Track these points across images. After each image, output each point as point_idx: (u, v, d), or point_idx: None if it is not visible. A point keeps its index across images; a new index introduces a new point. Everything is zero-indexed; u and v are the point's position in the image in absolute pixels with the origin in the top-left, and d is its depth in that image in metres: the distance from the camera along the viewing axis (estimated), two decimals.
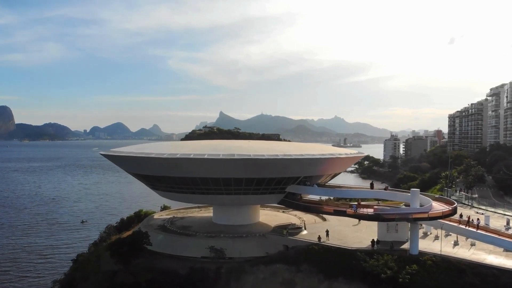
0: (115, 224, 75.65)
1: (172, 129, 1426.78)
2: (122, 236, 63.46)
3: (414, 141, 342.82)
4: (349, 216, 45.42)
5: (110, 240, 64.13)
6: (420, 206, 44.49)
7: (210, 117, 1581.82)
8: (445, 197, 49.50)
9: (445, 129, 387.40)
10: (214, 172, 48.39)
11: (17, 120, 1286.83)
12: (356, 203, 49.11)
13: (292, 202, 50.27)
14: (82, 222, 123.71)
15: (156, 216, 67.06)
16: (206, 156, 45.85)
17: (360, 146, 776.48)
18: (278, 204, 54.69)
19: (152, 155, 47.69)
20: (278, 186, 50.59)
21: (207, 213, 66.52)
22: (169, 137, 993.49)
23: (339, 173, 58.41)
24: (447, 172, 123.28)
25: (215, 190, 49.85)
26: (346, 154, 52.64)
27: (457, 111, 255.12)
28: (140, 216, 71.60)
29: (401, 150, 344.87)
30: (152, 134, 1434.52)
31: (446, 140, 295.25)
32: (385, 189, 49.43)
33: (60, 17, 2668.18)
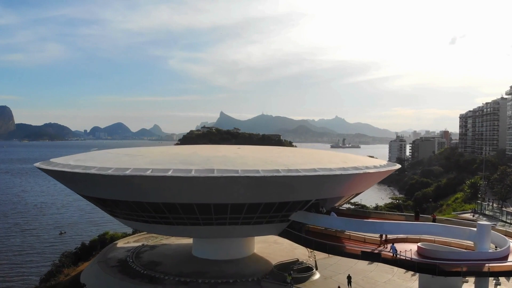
0: (74, 250, 60.58)
1: (173, 129, 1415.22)
2: (75, 270, 49.06)
3: (421, 142, 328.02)
4: (386, 263, 30.58)
5: (61, 273, 49.71)
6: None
7: (210, 117, 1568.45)
8: None
9: (450, 129, 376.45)
10: (184, 196, 33.12)
11: (17, 120, 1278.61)
12: (386, 239, 34.19)
13: (299, 236, 35.06)
14: (61, 233, 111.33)
15: (120, 243, 51.46)
16: (170, 173, 30.42)
17: (359, 147, 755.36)
18: (279, 235, 39.57)
19: (92, 171, 32.03)
20: (278, 214, 35.53)
21: (187, 239, 50.93)
22: (169, 137, 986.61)
23: (361, 192, 43.63)
24: (473, 180, 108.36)
25: (187, 220, 34.80)
26: (375, 166, 37.45)
27: (469, 111, 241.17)
28: (104, 241, 56.49)
29: (407, 151, 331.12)
30: (152, 134, 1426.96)
31: (457, 141, 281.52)
32: (433, 219, 34.42)
33: (61, 17, 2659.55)
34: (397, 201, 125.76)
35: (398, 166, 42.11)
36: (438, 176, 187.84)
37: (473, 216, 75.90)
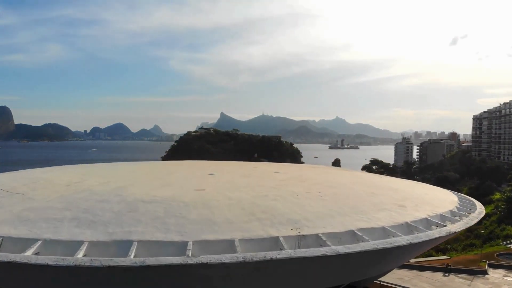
0: None
1: (173, 129, 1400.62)
2: None
3: (430, 144, 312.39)
4: None
5: None
6: None
7: (211, 117, 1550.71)
8: None
9: (457, 131, 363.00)
10: None
11: (17, 121, 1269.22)
12: None
13: None
14: None
15: None
16: (26, 255, 12.99)
17: (358, 148, 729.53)
18: None
19: None
20: None
21: None
22: (169, 138, 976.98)
23: None
24: (508, 193, 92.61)
25: None
26: (453, 214, 20.40)
27: (484, 112, 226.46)
28: None
29: (415, 154, 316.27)
30: (152, 134, 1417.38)
31: (469, 144, 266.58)
32: None
33: (61, 18, 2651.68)
34: None
35: (483, 211, 25.34)
36: (454, 184, 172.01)
37: None
